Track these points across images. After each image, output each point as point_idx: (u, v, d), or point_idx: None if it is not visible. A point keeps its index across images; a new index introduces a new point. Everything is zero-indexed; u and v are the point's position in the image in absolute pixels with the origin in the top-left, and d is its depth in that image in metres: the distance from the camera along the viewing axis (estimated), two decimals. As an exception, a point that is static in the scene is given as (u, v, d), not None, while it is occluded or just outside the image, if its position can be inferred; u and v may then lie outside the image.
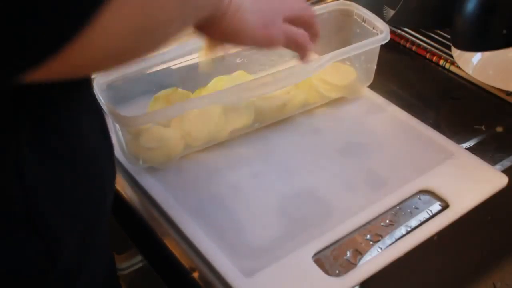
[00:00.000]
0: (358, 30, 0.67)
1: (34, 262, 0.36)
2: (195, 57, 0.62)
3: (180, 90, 0.61)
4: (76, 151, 0.38)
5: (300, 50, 0.53)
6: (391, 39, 0.64)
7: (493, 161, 0.60)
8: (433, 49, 0.77)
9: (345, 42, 0.66)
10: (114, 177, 0.45)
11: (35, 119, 0.34)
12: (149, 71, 0.60)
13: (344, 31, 0.69)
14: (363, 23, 0.66)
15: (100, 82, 0.56)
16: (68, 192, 0.37)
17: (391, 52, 0.78)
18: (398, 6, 0.71)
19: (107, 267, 0.49)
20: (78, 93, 0.38)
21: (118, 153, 0.59)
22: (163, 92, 0.61)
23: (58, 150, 0.36)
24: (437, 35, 0.78)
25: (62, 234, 0.37)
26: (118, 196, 0.56)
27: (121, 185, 0.57)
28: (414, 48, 0.78)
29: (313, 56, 0.56)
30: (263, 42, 0.50)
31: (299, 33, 0.52)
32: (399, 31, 0.80)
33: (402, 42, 0.79)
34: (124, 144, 0.56)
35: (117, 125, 0.55)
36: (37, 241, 0.35)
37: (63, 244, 0.37)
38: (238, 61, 0.66)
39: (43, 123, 0.35)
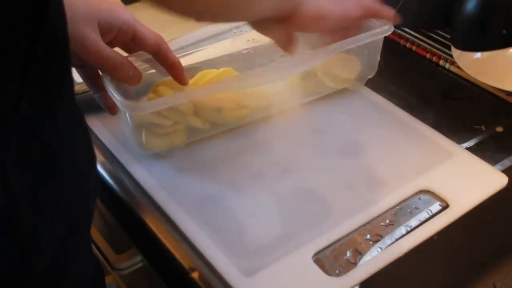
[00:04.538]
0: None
1: (10, 264, 0.36)
2: (195, 56, 0.62)
3: None
4: (56, 155, 0.38)
5: (380, 15, 0.56)
6: (391, 39, 0.64)
7: (493, 161, 0.60)
8: (433, 49, 0.77)
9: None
10: (96, 185, 0.45)
11: (19, 125, 0.34)
12: (149, 71, 0.60)
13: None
14: None
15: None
16: (48, 197, 0.37)
17: (391, 52, 0.78)
18: (398, 6, 0.71)
19: (92, 273, 0.48)
20: (59, 102, 0.38)
21: (117, 153, 0.60)
22: (164, 80, 0.60)
23: (39, 156, 0.36)
24: (437, 35, 0.78)
25: (40, 237, 0.37)
26: (117, 196, 0.57)
27: (121, 185, 0.57)
28: (414, 48, 0.78)
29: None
30: (343, 20, 0.53)
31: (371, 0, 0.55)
32: (399, 31, 0.80)
33: (402, 42, 0.79)
34: (130, 132, 0.57)
35: (126, 114, 0.55)
36: (12, 242, 0.35)
37: (41, 248, 0.37)
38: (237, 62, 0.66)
39: (26, 129, 0.35)
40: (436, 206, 0.55)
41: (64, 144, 0.39)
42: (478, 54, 0.67)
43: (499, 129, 0.65)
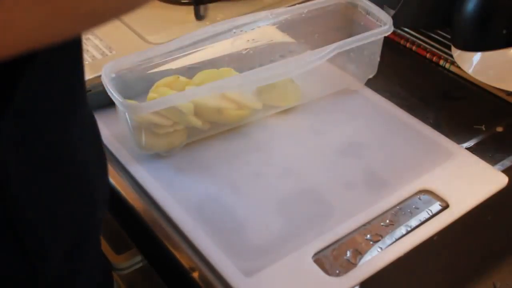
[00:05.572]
0: (362, 23, 0.68)
1: (16, 272, 0.36)
2: (195, 56, 0.62)
3: (181, 78, 0.61)
4: (64, 161, 0.37)
5: None
6: (391, 39, 0.64)
7: (493, 161, 0.60)
8: (433, 49, 0.77)
9: (350, 35, 0.66)
10: (107, 190, 0.45)
11: (21, 126, 0.33)
12: (149, 71, 0.60)
13: (348, 24, 0.70)
14: (367, 15, 0.67)
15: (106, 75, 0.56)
16: (54, 202, 0.37)
17: (391, 52, 0.78)
18: (398, 6, 0.71)
19: (100, 280, 0.48)
20: (70, 104, 0.37)
21: (117, 153, 0.60)
22: (164, 80, 0.60)
23: (45, 159, 0.35)
24: (437, 35, 0.78)
25: (46, 243, 0.37)
26: (117, 196, 0.57)
27: (121, 185, 0.57)
28: (414, 48, 0.78)
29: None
30: None
31: None
32: (399, 31, 0.80)
33: (402, 42, 0.79)
34: (130, 132, 0.57)
35: (125, 114, 0.55)
36: (17, 248, 0.35)
37: (47, 255, 0.37)
38: (236, 62, 0.66)
39: (30, 130, 0.34)
40: (436, 206, 0.55)
41: (72, 149, 0.38)
42: (478, 54, 0.67)
43: (499, 129, 0.65)
